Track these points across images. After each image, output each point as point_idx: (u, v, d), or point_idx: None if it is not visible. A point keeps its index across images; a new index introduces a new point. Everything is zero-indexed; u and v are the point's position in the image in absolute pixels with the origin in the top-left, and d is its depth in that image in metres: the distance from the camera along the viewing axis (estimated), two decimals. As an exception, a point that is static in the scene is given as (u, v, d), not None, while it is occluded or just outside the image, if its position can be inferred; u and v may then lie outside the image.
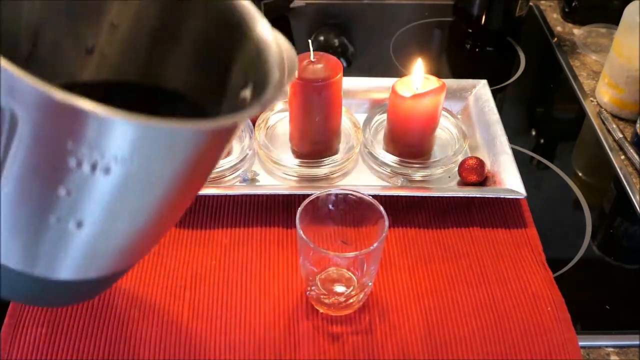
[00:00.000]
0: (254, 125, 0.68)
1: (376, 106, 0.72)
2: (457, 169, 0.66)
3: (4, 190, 0.33)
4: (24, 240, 0.36)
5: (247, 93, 0.42)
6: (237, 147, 0.67)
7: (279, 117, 0.71)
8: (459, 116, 0.72)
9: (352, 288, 0.53)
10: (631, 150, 0.72)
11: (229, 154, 0.65)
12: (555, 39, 0.93)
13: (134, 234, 0.39)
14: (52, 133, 0.31)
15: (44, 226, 0.35)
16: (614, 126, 0.75)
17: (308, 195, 0.52)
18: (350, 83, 0.72)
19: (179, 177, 0.36)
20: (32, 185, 0.33)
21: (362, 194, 0.52)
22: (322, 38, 0.93)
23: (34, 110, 0.30)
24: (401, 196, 0.63)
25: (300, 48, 0.87)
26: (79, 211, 0.35)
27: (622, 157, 0.72)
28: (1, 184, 0.33)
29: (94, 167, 0.32)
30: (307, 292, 0.55)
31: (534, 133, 0.79)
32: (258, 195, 0.63)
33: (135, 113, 0.32)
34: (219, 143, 0.38)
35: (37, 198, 0.34)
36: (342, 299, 0.53)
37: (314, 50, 0.61)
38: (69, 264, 0.38)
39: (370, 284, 0.53)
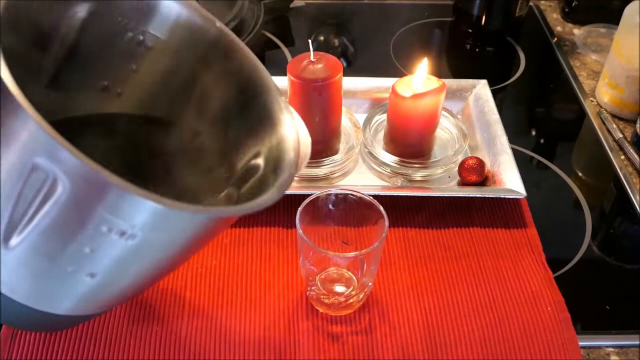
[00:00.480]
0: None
1: (376, 106, 0.72)
2: (457, 169, 0.66)
3: (27, 239, 0.36)
4: (35, 281, 0.39)
5: (260, 162, 0.46)
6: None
7: (279, 117, 0.71)
8: (459, 116, 0.72)
9: (352, 288, 0.53)
10: (631, 150, 0.72)
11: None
12: (555, 39, 0.93)
13: (133, 284, 0.42)
14: (90, 203, 0.34)
15: (59, 273, 0.38)
16: (614, 126, 0.75)
17: (308, 195, 0.52)
18: (350, 83, 0.72)
19: (192, 241, 0.40)
20: (57, 240, 0.36)
21: (362, 194, 0.52)
22: (322, 38, 0.93)
23: (77, 181, 0.33)
24: (401, 196, 0.63)
25: (300, 48, 0.88)
26: (95, 265, 0.37)
27: (622, 157, 0.72)
28: (26, 232, 0.35)
29: (122, 234, 0.35)
30: (307, 292, 0.55)
31: (534, 133, 0.79)
32: (258, 195, 0.63)
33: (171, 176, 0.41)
34: (233, 219, 0.42)
35: (59, 251, 0.36)
36: (342, 299, 0.53)
37: (314, 50, 0.61)
38: (69, 305, 0.41)
39: (370, 284, 0.53)
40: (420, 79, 0.64)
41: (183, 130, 0.50)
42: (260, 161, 0.46)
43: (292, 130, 0.45)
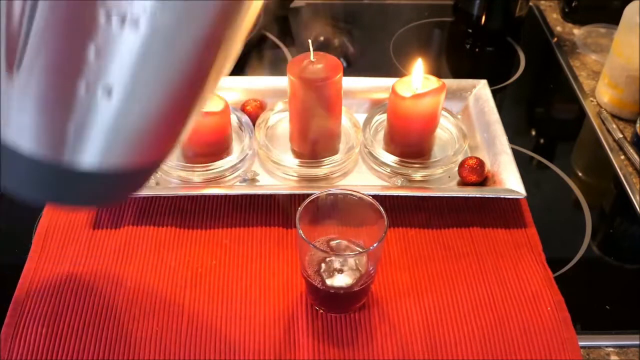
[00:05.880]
0: (254, 125, 0.68)
1: (376, 106, 0.72)
2: (457, 169, 0.66)
3: (29, 56, 0.31)
4: (49, 117, 0.34)
5: None
6: (237, 147, 0.67)
7: (279, 117, 0.71)
8: (459, 116, 0.72)
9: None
10: (631, 150, 0.72)
11: (228, 154, 0.65)
12: (555, 39, 0.93)
13: (157, 111, 0.36)
14: None
15: (72, 97, 0.33)
16: (614, 126, 0.76)
17: (308, 195, 0.52)
18: (350, 83, 0.72)
19: (203, 44, 0.35)
20: (59, 46, 0.32)
21: (362, 194, 0.52)
22: (322, 38, 0.93)
23: None
24: (401, 196, 0.63)
25: (300, 48, 0.88)
26: (107, 75, 0.33)
27: (622, 157, 0.72)
28: (28, 47, 0.31)
29: (122, 21, 0.31)
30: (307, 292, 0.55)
31: (534, 133, 0.79)
32: (258, 195, 0.63)
33: None
34: (245, 15, 0.36)
35: (66, 61, 0.32)
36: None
37: (314, 50, 0.61)
38: (93, 146, 0.35)
39: (370, 284, 0.53)
40: (418, 79, 0.64)
41: None
42: None
43: None
